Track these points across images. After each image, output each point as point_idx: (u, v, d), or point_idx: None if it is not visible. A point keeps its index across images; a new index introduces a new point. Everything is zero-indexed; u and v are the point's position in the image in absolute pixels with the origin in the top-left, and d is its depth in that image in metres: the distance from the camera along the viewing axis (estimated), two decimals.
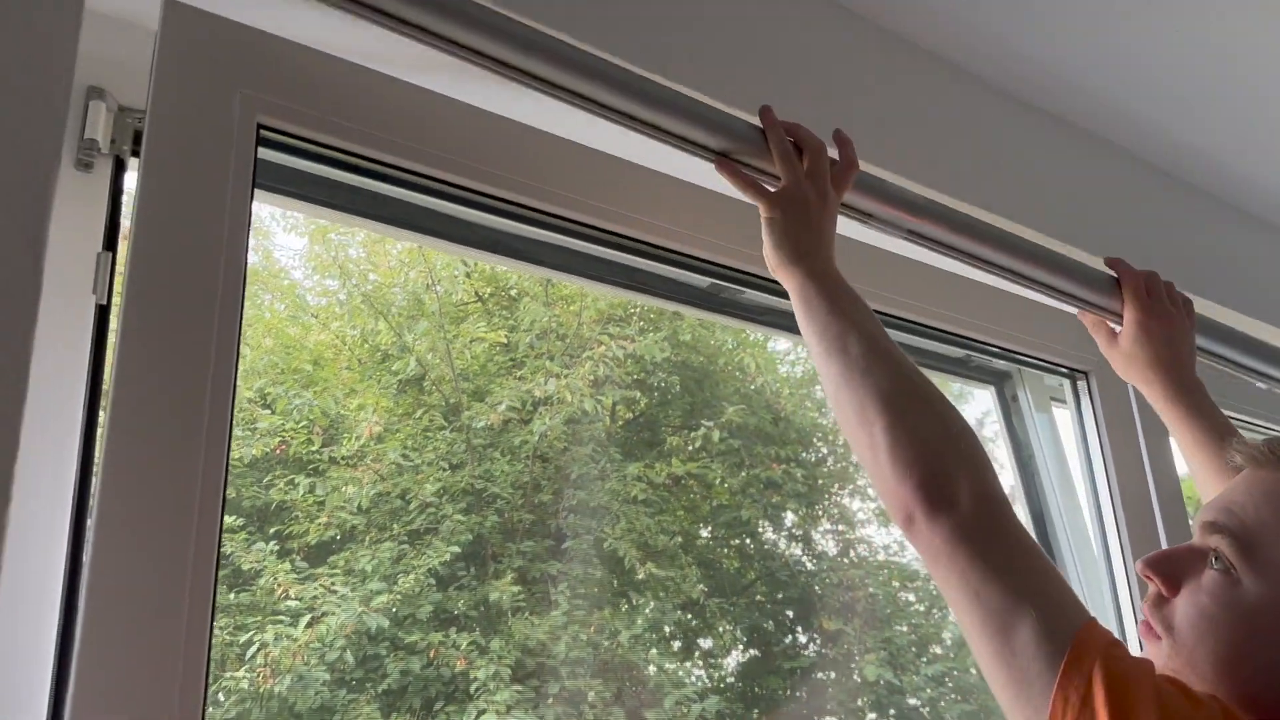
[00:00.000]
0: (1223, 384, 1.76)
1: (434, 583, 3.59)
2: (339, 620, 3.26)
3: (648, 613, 3.95)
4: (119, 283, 0.89)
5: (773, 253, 0.98)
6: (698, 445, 4.32)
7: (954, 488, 0.78)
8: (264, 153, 0.95)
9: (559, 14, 1.09)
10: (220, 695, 3.09)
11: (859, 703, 4.00)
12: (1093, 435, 1.60)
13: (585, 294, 4.37)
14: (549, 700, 3.41)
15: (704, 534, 4.33)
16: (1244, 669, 0.74)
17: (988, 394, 1.76)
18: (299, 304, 4.32)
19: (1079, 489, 1.68)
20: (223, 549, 1.05)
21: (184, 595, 0.77)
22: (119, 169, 0.96)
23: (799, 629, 4.25)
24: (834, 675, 4.07)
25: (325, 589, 3.45)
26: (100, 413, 0.90)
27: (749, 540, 4.38)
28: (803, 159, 1.01)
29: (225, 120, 0.88)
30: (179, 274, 0.83)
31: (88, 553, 0.75)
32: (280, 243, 4.44)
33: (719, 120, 1.01)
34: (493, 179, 1.05)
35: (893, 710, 3.97)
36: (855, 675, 4.04)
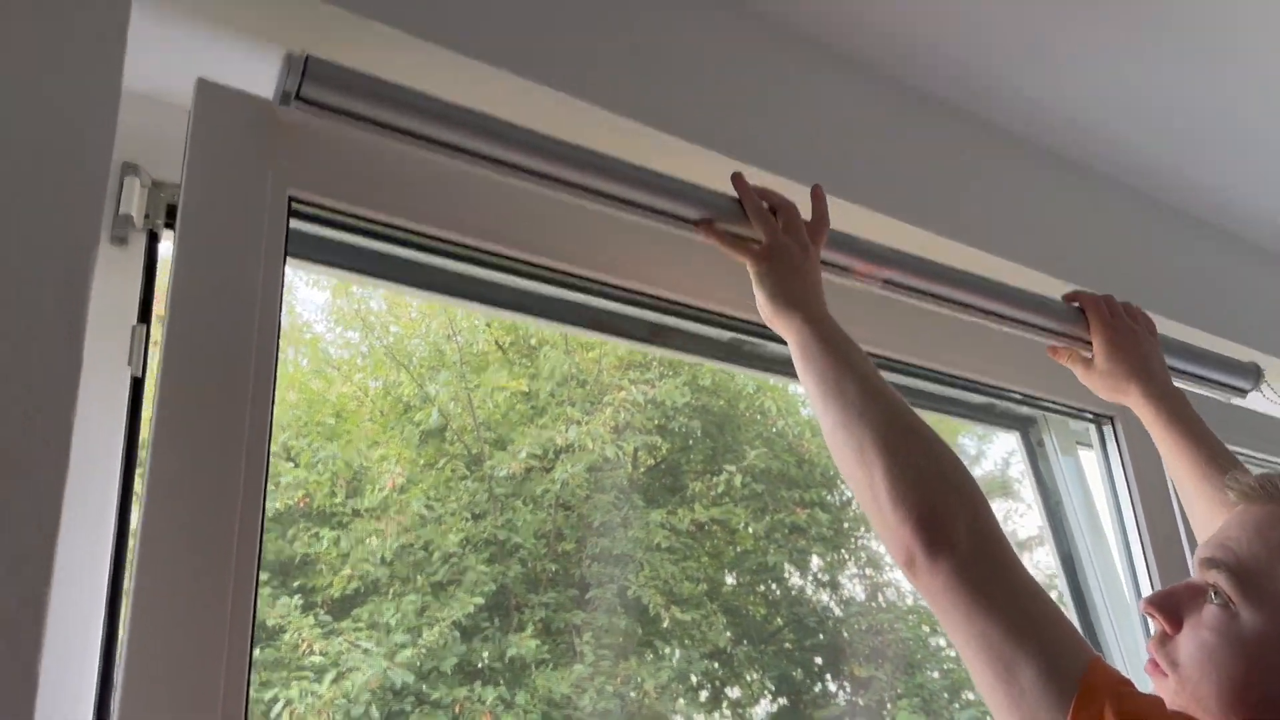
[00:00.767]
0: (1224, 415, 1.76)
1: (458, 635, 3.57)
2: (364, 676, 3.25)
3: (674, 662, 3.91)
4: (153, 354, 0.91)
5: (767, 303, 1.02)
6: (720, 490, 4.31)
7: (953, 528, 0.79)
8: (295, 223, 0.97)
9: (550, 71, 1.11)
10: None
11: None
12: (1120, 479, 1.59)
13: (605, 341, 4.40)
14: None
15: (729, 580, 4.29)
16: (1249, 700, 0.74)
17: (1012, 437, 1.76)
18: (322, 357, 4.36)
19: (1108, 532, 1.67)
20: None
21: (220, 661, 0.78)
22: (152, 242, 0.98)
23: (828, 676, 4.19)
24: None
25: (350, 643, 3.44)
26: (135, 485, 0.92)
27: (775, 586, 4.34)
28: (777, 218, 1.06)
29: (258, 194, 0.91)
30: (214, 345, 0.85)
31: (125, 622, 0.76)
32: (303, 296, 4.49)
33: (696, 194, 1.07)
34: (515, 242, 1.08)
35: None
36: None
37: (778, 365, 1.41)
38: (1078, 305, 1.31)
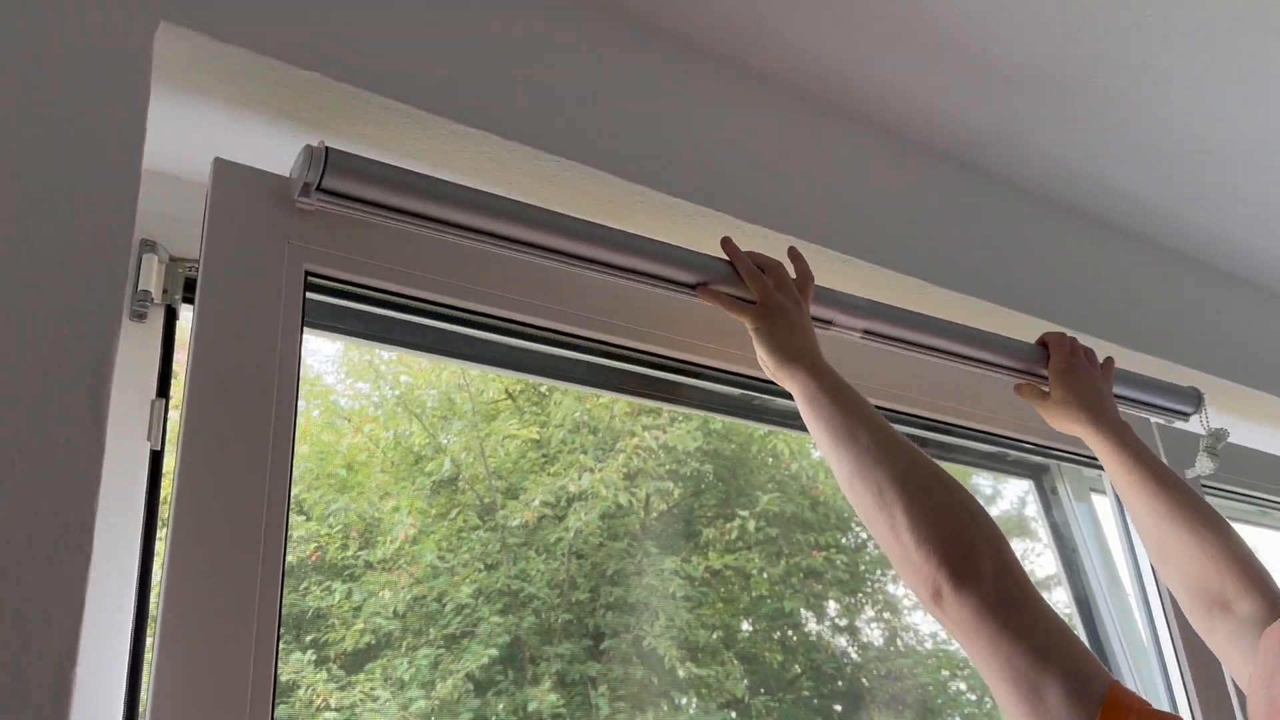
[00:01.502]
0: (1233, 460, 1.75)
1: (472, 687, 3.54)
2: None
3: (691, 713, 3.86)
4: (171, 428, 0.92)
5: (769, 357, 1.06)
6: (734, 536, 4.28)
7: (978, 561, 0.84)
8: (311, 295, 0.99)
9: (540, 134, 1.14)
10: None
11: None
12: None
13: None
14: None
15: (745, 627, 4.25)
16: None
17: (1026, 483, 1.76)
18: (333, 409, 4.38)
19: (1123, 577, 1.66)
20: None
21: None
22: (170, 317, 1.00)
23: None
24: None
25: (364, 696, 3.41)
26: (154, 555, 0.92)
27: (791, 632, 4.29)
28: (766, 276, 1.11)
29: (275, 269, 0.93)
30: (234, 418, 0.86)
31: (148, 697, 0.77)
32: (313, 348, 4.52)
33: (690, 259, 1.12)
34: (527, 308, 1.09)
35: None
36: None
37: (788, 419, 1.41)
38: (1042, 344, 1.39)
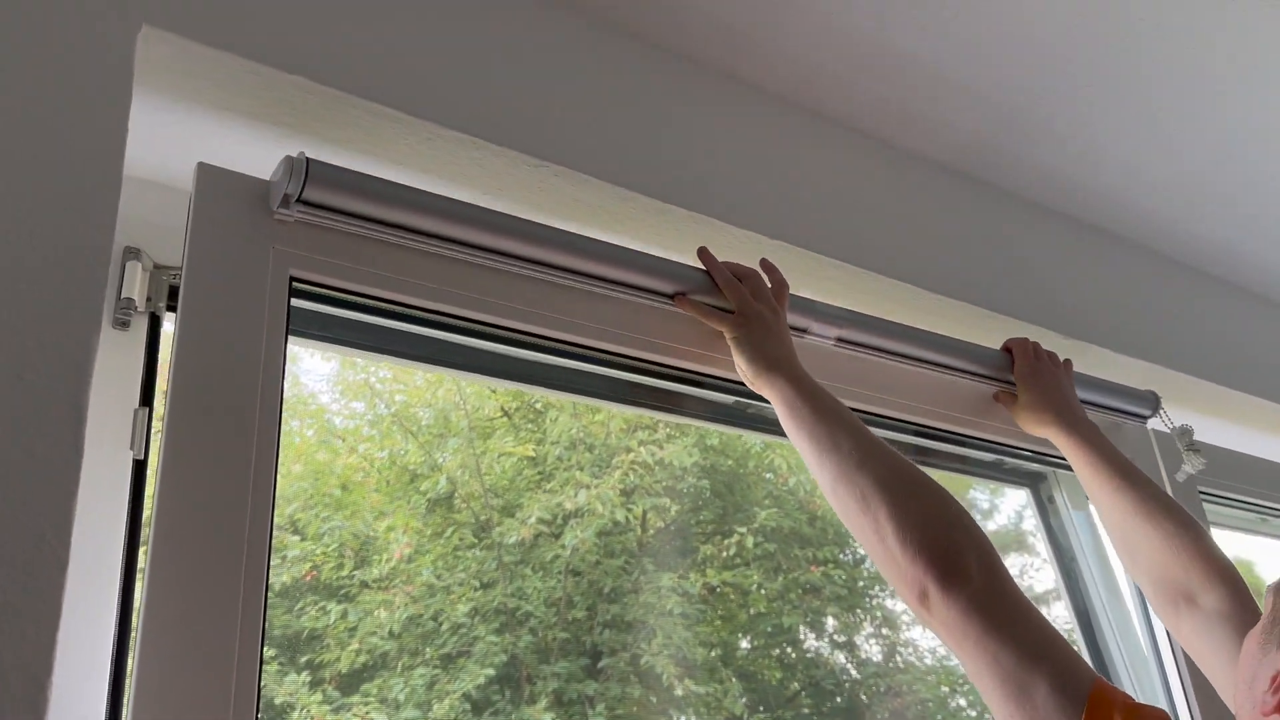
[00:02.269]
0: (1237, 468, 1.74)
1: (468, 708, 3.51)
2: None
3: None
4: (155, 437, 0.91)
5: (748, 366, 1.07)
6: (732, 552, 4.26)
7: (964, 562, 0.84)
8: (296, 302, 0.98)
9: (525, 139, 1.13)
10: None
11: None
12: None
13: None
14: None
15: (743, 644, 4.22)
16: None
17: (1023, 493, 1.74)
18: (327, 428, 4.36)
19: (1122, 586, 1.64)
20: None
21: None
22: (154, 325, 0.99)
23: None
24: None
25: (359, 718, 3.38)
26: (137, 566, 0.91)
27: (790, 649, 4.26)
28: (744, 285, 1.13)
29: (259, 275, 0.91)
30: (217, 426, 0.85)
31: (128, 708, 0.75)
32: (307, 367, 4.50)
33: (668, 269, 1.13)
34: (516, 314, 1.08)
35: None
36: None
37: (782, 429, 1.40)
38: (1007, 350, 1.42)
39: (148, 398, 0.96)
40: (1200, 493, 1.68)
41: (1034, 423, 1.36)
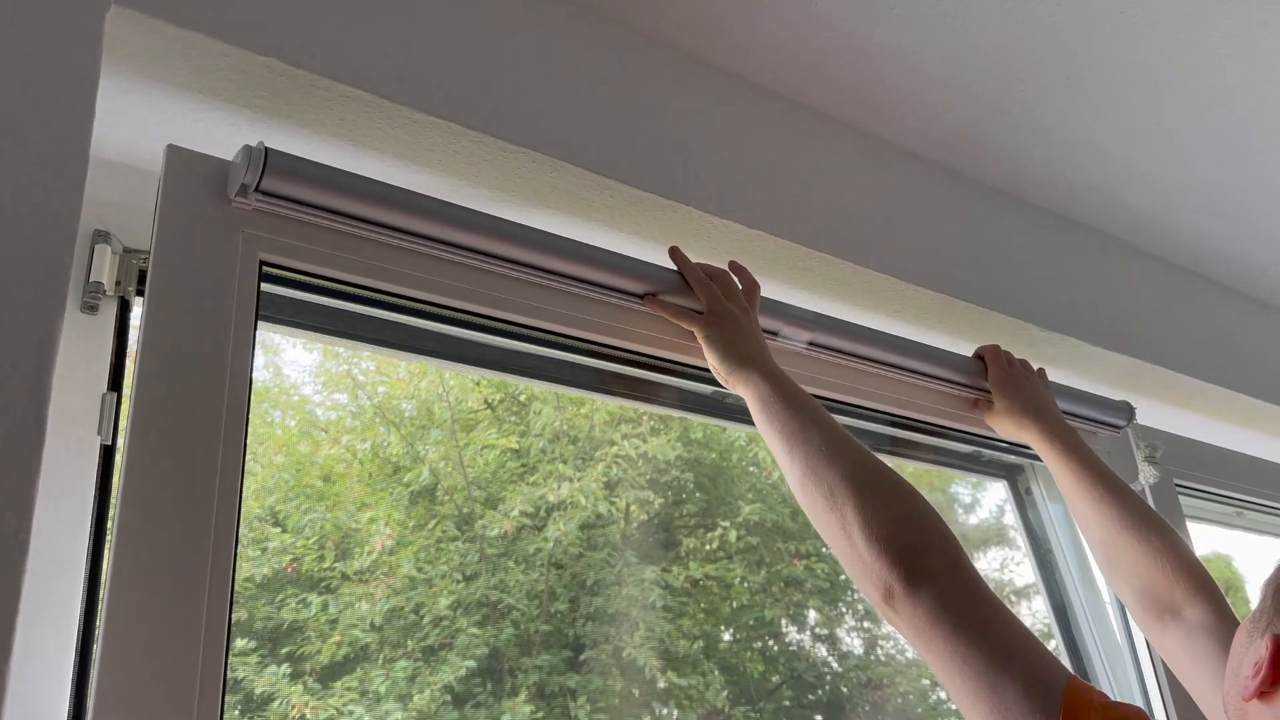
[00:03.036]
0: (1213, 462, 1.75)
1: (450, 700, 3.50)
2: None
3: None
4: (124, 422, 0.90)
5: (720, 364, 1.07)
6: (715, 545, 4.27)
7: (931, 560, 0.83)
8: (266, 287, 0.97)
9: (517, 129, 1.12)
10: None
11: None
12: None
13: None
14: None
15: (726, 637, 4.23)
16: None
17: (1001, 485, 1.75)
18: (309, 420, 4.34)
19: (1098, 578, 1.65)
20: (235, 674, 1.04)
21: None
22: (124, 309, 0.98)
23: None
24: None
25: (339, 711, 3.37)
26: (105, 552, 0.90)
27: (772, 642, 4.28)
28: (715, 284, 1.12)
29: (229, 259, 0.90)
30: (184, 411, 0.84)
31: (92, 696, 0.74)
32: (290, 358, 4.48)
33: (637, 268, 1.13)
34: (492, 302, 1.07)
35: None
36: None
37: None
38: (979, 357, 1.42)
39: (116, 382, 0.95)
40: (1177, 486, 1.69)
41: (1013, 428, 1.36)
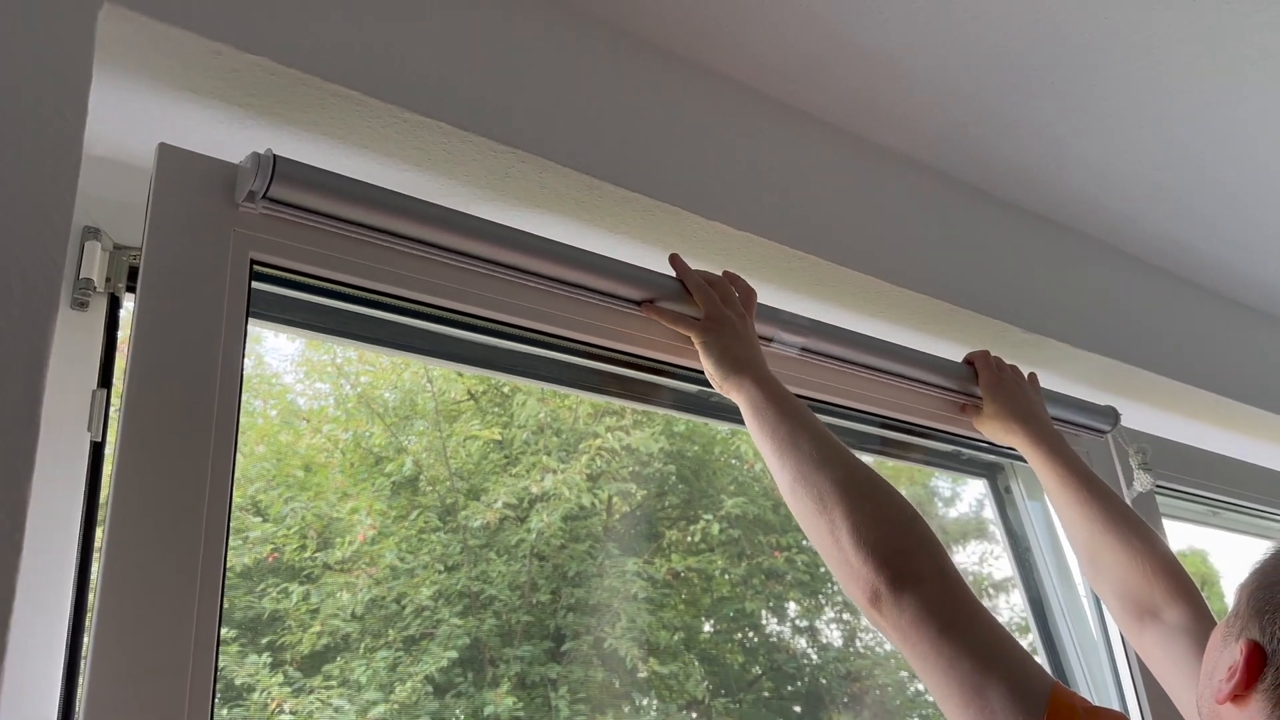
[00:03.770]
0: (1190, 462, 1.78)
1: (431, 690, 3.51)
2: None
3: (652, 714, 3.86)
4: (114, 419, 0.90)
5: (716, 370, 1.08)
6: (697, 538, 4.29)
7: (917, 564, 0.85)
8: (257, 285, 0.97)
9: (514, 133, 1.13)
10: None
11: None
12: None
13: None
14: None
15: (706, 628, 4.25)
16: None
17: (980, 483, 1.77)
18: (291, 409, 4.32)
19: (1075, 576, 1.68)
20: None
21: None
22: (114, 306, 0.98)
23: None
24: None
25: (320, 701, 3.37)
26: (94, 550, 0.90)
27: (752, 633, 4.31)
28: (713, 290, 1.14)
29: (220, 257, 0.91)
30: (175, 409, 0.84)
31: (83, 688, 0.75)
32: (271, 346, 4.46)
33: (636, 275, 1.14)
34: (480, 301, 1.08)
35: None
36: None
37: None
38: (969, 363, 1.43)
39: (106, 379, 0.95)
40: (1155, 486, 1.72)
41: (1002, 432, 1.38)
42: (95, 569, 0.89)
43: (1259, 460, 2.07)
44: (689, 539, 4.23)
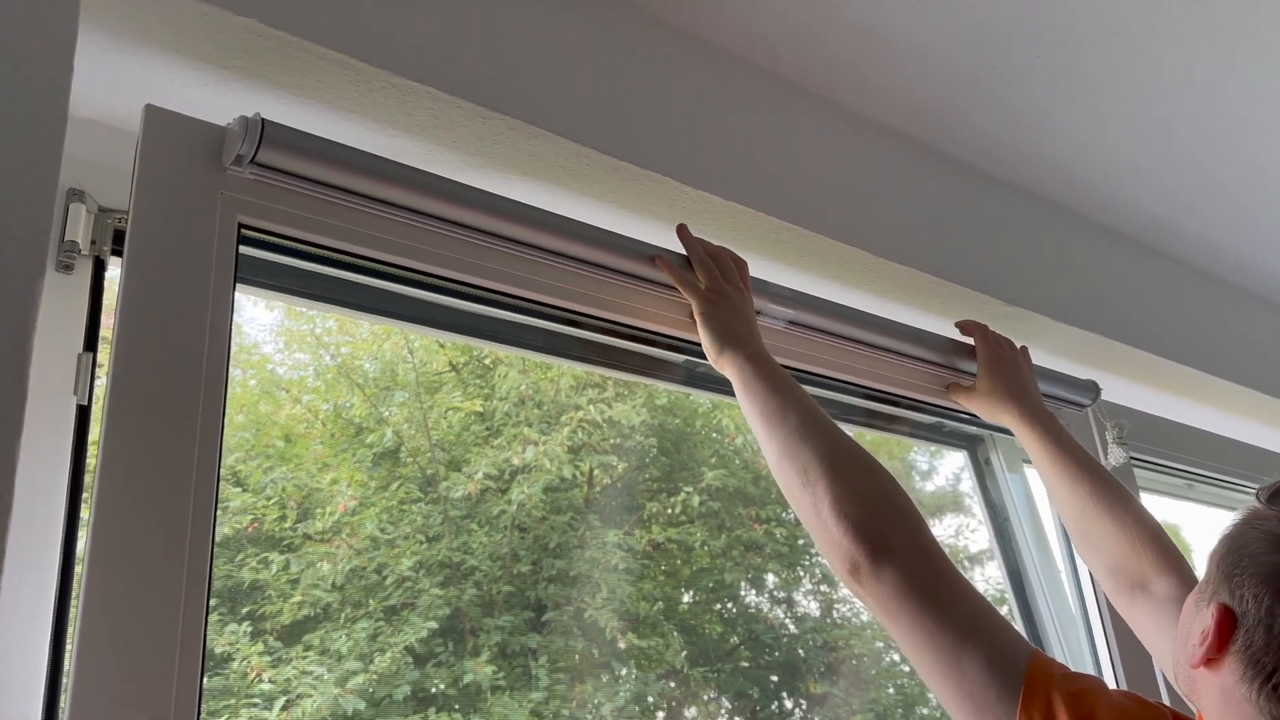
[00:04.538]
0: (1167, 435, 1.80)
1: (411, 660, 3.53)
2: (314, 704, 3.19)
3: (630, 684, 3.89)
4: (100, 383, 0.90)
5: (713, 343, 1.10)
6: (677, 510, 4.31)
7: (896, 537, 0.87)
8: (244, 249, 0.96)
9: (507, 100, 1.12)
10: None
11: None
12: None
13: None
14: None
15: (685, 599, 4.29)
16: None
17: (961, 455, 1.79)
18: (270, 379, 4.29)
19: (1054, 547, 1.70)
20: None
21: (170, 690, 0.76)
22: (99, 269, 0.97)
23: (785, 694, 4.21)
24: None
25: (300, 670, 3.38)
26: (81, 514, 0.90)
27: (731, 604, 4.35)
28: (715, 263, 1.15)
29: (207, 220, 0.90)
30: (163, 372, 0.84)
31: (71, 653, 0.75)
32: (250, 315, 4.43)
33: (638, 246, 1.16)
34: (467, 268, 1.07)
35: None
36: None
37: (729, 387, 1.42)
38: (967, 338, 1.43)
39: (91, 342, 0.94)
40: (1131, 459, 1.74)
41: (994, 410, 1.38)
42: (82, 532, 0.88)
43: (1234, 434, 2.10)
44: (669, 511, 4.26)
